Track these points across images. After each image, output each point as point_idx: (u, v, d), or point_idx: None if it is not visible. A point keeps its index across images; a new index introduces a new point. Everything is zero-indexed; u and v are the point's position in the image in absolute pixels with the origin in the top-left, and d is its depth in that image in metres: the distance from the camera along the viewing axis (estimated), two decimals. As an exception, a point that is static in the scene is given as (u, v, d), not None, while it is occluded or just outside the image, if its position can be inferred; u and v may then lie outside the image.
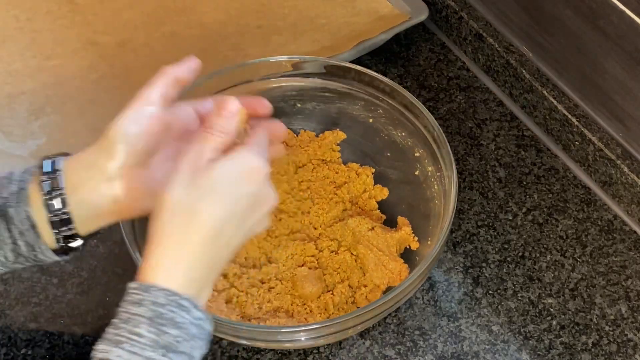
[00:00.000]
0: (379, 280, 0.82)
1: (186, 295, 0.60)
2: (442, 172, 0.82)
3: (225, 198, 0.62)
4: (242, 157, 0.63)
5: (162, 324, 0.58)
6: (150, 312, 0.58)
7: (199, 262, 0.61)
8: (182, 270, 0.60)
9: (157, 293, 0.59)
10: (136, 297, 0.59)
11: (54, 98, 0.98)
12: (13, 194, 0.67)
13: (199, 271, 0.61)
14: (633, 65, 0.83)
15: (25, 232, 0.67)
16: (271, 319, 0.80)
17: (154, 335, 0.58)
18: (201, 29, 1.04)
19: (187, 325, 0.59)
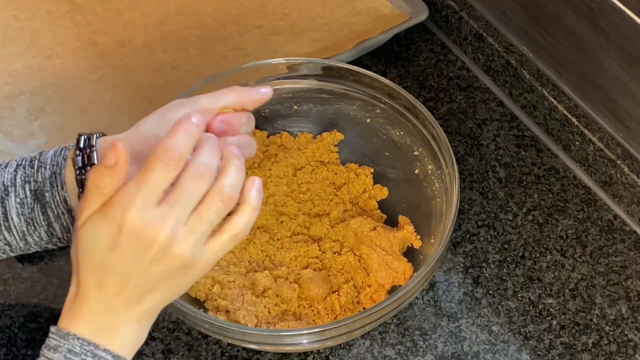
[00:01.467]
0: (383, 280, 0.82)
1: (103, 347, 0.60)
2: (443, 170, 0.82)
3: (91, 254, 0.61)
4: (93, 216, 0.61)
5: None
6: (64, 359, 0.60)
7: (99, 313, 0.61)
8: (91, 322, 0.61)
9: (73, 342, 0.60)
10: (53, 343, 0.61)
11: (54, 98, 0.98)
12: (46, 179, 0.68)
13: (106, 321, 0.61)
14: (633, 65, 0.83)
15: (61, 215, 0.68)
16: (280, 322, 0.80)
17: None
18: (201, 29, 1.04)
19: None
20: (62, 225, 0.69)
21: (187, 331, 0.84)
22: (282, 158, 0.89)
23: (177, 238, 0.60)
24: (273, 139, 0.92)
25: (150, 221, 0.59)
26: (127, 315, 0.62)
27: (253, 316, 0.80)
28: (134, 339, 0.63)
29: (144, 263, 0.60)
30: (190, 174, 0.60)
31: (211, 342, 0.83)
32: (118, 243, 0.59)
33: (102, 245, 0.60)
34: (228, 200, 0.61)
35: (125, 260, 0.60)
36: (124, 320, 0.62)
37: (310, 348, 0.81)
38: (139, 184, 0.59)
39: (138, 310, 0.62)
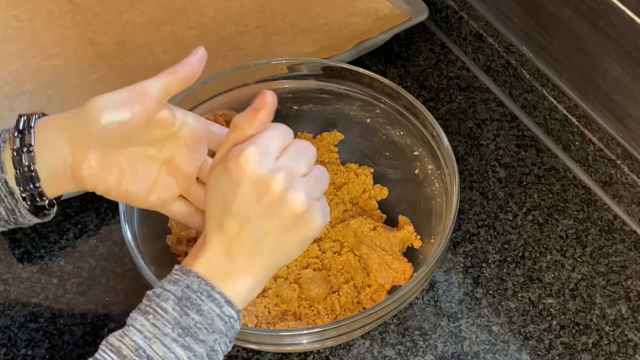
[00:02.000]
0: (383, 280, 0.82)
1: (219, 289, 0.62)
2: (443, 170, 0.82)
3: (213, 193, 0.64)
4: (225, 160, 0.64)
5: (187, 306, 0.61)
6: (181, 292, 0.61)
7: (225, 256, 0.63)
8: (215, 264, 0.63)
9: (192, 278, 0.62)
10: (174, 277, 0.62)
11: (54, 98, 0.98)
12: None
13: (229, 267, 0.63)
14: (633, 65, 0.83)
15: (4, 198, 0.68)
16: (280, 322, 0.80)
17: (177, 314, 0.60)
18: (201, 29, 1.04)
19: (213, 316, 0.61)
20: (7, 208, 0.68)
21: (187, 331, 0.84)
22: None
23: (293, 186, 0.62)
24: (273, 139, 0.91)
25: (267, 169, 0.62)
26: (245, 263, 0.63)
27: (253, 316, 0.80)
28: (248, 289, 0.64)
29: (263, 205, 0.62)
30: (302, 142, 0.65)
31: (211, 342, 0.83)
32: (238, 187, 0.62)
33: (224, 190, 0.62)
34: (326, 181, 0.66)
35: (245, 203, 0.62)
36: (242, 268, 0.63)
37: (310, 348, 0.81)
38: (258, 141, 0.63)
39: (257, 261, 0.64)
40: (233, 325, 0.63)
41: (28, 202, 0.68)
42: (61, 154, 0.67)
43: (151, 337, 0.60)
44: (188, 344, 0.60)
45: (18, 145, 0.67)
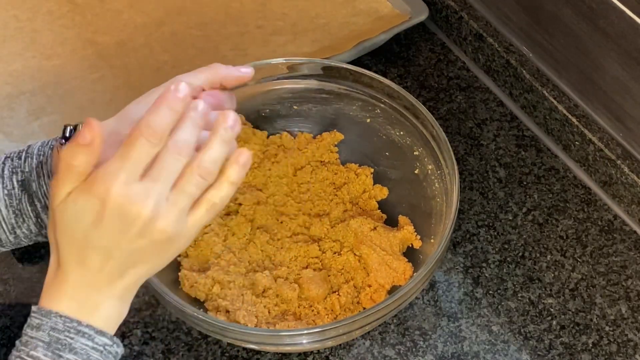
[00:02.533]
0: (383, 280, 0.82)
1: (86, 322, 0.61)
2: (443, 170, 0.82)
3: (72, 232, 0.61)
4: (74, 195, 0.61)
5: (58, 348, 0.60)
6: (48, 337, 0.60)
7: (82, 290, 0.61)
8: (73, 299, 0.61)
9: (56, 319, 0.60)
10: (36, 322, 0.61)
11: (54, 98, 0.98)
12: (33, 169, 0.68)
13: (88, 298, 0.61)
14: (633, 65, 0.83)
15: (48, 205, 0.68)
16: (280, 322, 0.80)
17: (50, 359, 0.59)
18: (201, 29, 1.04)
19: (87, 350, 0.60)
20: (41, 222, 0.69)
21: (187, 331, 0.84)
22: (282, 158, 0.89)
23: (161, 212, 0.60)
24: (273, 139, 0.92)
25: (134, 196, 0.59)
26: (109, 291, 0.62)
27: (253, 316, 0.80)
28: (116, 313, 0.63)
29: (128, 238, 0.60)
30: (169, 150, 0.61)
31: (211, 342, 0.83)
32: (102, 218, 0.59)
33: (85, 222, 0.60)
34: (206, 174, 0.62)
35: (109, 236, 0.60)
36: (107, 296, 0.62)
37: (310, 348, 0.81)
38: (122, 160, 0.60)
39: (120, 285, 0.62)
40: (110, 351, 0.62)
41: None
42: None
43: None
44: None
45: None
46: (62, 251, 0.61)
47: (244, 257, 0.84)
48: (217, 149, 0.62)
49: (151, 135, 0.60)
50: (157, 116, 0.60)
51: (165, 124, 0.60)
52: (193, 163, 0.61)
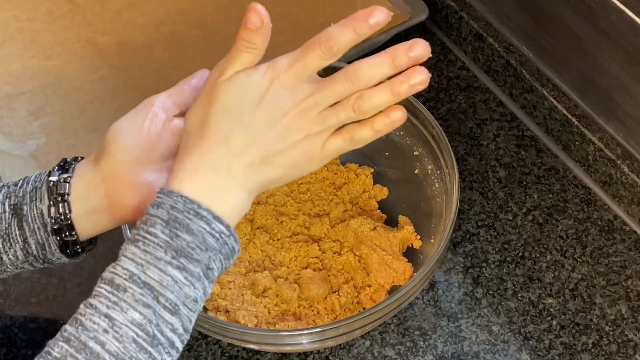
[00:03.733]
0: (383, 280, 0.82)
1: (206, 206, 0.60)
2: (443, 170, 0.82)
3: (230, 107, 0.63)
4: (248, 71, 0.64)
5: (176, 227, 0.59)
6: (167, 215, 0.59)
7: (215, 171, 0.62)
8: (202, 180, 0.61)
9: (176, 199, 0.60)
10: (157, 200, 0.61)
11: (54, 98, 0.98)
12: (27, 193, 0.68)
13: (219, 181, 0.62)
14: (633, 65, 0.83)
15: (37, 230, 0.68)
16: (280, 322, 0.80)
17: (167, 237, 0.59)
18: (201, 29, 1.04)
19: (204, 234, 0.60)
20: (37, 242, 0.68)
21: (187, 331, 0.84)
22: None
23: (309, 117, 0.63)
24: (273, 139, 0.91)
25: (297, 91, 0.63)
26: (240, 181, 0.62)
27: (253, 316, 0.80)
28: (240, 206, 0.63)
29: (278, 127, 0.62)
30: (345, 73, 0.63)
31: (211, 342, 0.83)
32: (262, 101, 0.62)
33: (248, 99, 0.62)
34: (360, 113, 0.64)
35: (261, 121, 0.62)
36: (235, 185, 0.62)
37: (310, 348, 0.81)
38: (296, 59, 0.63)
39: (252, 178, 0.63)
40: (226, 241, 0.61)
41: (57, 237, 0.68)
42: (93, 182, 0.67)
43: (144, 263, 0.58)
44: (183, 265, 0.58)
45: (55, 178, 0.68)
46: (210, 128, 0.62)
47: (244, 257, 0.84)
48: (381, 97, 0.63)
49: (327, 48, 0.62)
50: (339, 32, 0.62)
51: (344, 42, 0.62)
52: (356, 95, 0.63)
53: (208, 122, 0.63)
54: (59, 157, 0.89)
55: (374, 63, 0.63)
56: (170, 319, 0.58)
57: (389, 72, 0.63)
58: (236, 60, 0.65)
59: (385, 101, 0.63)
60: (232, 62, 0.64)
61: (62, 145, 0.94)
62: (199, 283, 0.59)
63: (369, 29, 0.62)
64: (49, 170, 0.69)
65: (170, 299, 0.58)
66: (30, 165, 0.92)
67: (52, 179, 0.68)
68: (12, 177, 0.91)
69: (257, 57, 0.65)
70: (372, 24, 0.62)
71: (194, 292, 0.59)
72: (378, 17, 0.62)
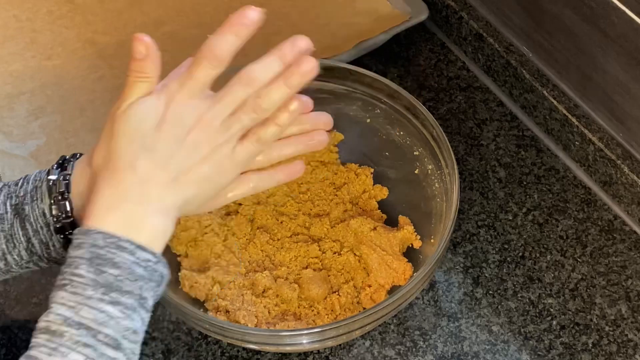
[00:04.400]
0: (383, 280, 0.82)
1: (126, 238, 0.60)
2: (443, 170, 0.82)
3: (131, 135, 0.63)
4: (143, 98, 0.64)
5: (100, 264, 0.59)
6: (89, 254, 0.59)
7: (128, 201, 0.61)
8: (117, 213, 0.61)
9: (95, 236, 0.60)
10: (77, 242, 0.60)
11: (54, 98, 0.98)
12: (27, 193, 0.68)
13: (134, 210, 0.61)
14: (633, 65, 0.83)
15: (39, 229, 0.68)
16: (280, 322, 0.80)
17: (93, 275, 0.59)
18: (201, 29, 1.04)
19: (130, 265, 0.60)
20: (41, 241, 0.68)
21: (187, 331, 0.84)
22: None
23: (214, 128, 0.63)
24: (273, 139, 0.91)
25: (196, 106, 0.63)
26: (155, 205, 0.62)
27: (253, 316, 0.80)
28: (163, 230, 0.63)
29: (182, 148, 0.62)
30: (239, 79, 0.64)
31: (211, 342, 0.83)
32: (163, 122, 0.62)
33: (148, 124, 0.63)
34: (261, 112, 0.65)
35: (165, 141, 0.62)
36: (152, 210, 0.62)
37: (310, 348, 0.81)
38: (186, 77, 0.63)
39: (167, 200, 0.63)
40: (154, 268, 0.61)
41: (61, 236, 0.68)
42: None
43: (75, 304, 0.58)
44: (115, 299, 0.58)
45: (55, 177, 0.68)
46: (115, 159, 0.62)
47: (244, 257, 0.84)
48: (278, 92, 0.65)
49: (214, 57, 0.63)
50: (221, 39, 0.64)
51: (226, 49, 0.63)
52: (254, 98, 0.64)
53: (112, 155, 0.63)
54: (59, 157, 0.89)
55: (264, 64, 0.65)
56: (114, 354, 0.58)
57: (279, 70, 0.65)
58: (132, 92, 0.64)
59: (281, 95, 0.65)
60: (128, 95, 0.64)
61: (62, 145, 0.94)
62: (136, 314, 0.59)
63: (246, 29, 0.64)
64: (48, 169, 0.69)
65: (109, 334, 0.58)
66: (30, 165, 0.92)
67: (51, 178, 0.68)
68: (12, 177, 0.91)
69: (152, 84, 0.65)
70: (248, 24, 0.64)
71: (132, 324, 0.59)
72: (252, 16, 0.64)
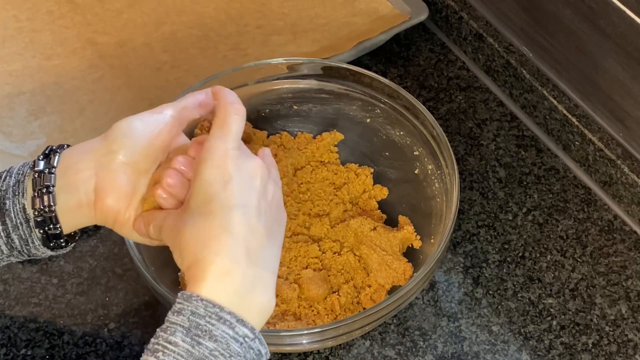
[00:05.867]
0: (383, 280, 0.82)
1: (228, 309, 0.58)
2: (443, 170, 0.82)
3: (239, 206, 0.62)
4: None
5: (198, 334, 0.57)
6: (188, 322, 0.57)
7: (240, 274, 0.60)
8: (226, 283, 0.59)
9: (197, 303, 0.58)
10: (178, 306, 0.59)
11: (54, 98, 0.98)
12: (9, 187, 0.67)
13: (243, 274, 0.60)
14: (633, 65, 0.83)
15: (19, 225, 0.67)
16: (280, 322, 0.80)
17: (189, 345, 0.57)
18: (201, 29, 1.04)
19: (228, 339, 0.58)
20: (20, 237, 0.67)
21: (187, 331, 0.83)
22: (282, 158, 0.89)
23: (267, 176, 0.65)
24: (273, 138, 0.92)
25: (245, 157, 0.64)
26: (262, 266, 0.61)
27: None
28: (266, 301, 0.62)
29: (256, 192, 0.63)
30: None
31: (211, 342, 0.83)
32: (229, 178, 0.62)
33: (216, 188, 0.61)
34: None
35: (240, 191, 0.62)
36: (262, 276, 0.61)
37: (310, 348, 0.81)
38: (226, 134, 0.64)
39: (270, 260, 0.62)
40: (251, 345, 0.59)
41: (41, 230, 0.67)
42: (84, 174, 0.66)
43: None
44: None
45: (41, 168, 0.66)
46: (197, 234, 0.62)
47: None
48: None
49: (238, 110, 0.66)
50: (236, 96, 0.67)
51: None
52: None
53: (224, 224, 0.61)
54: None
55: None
56: None
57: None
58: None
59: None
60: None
61: (62, 145, 0.94)
62: None
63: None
64: (33, 160, 0.68)
65: None
66: (30, 165, 0.92)
67: (37, 169, 0.66)
68: (12, 177, 0.91)
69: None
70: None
71: None
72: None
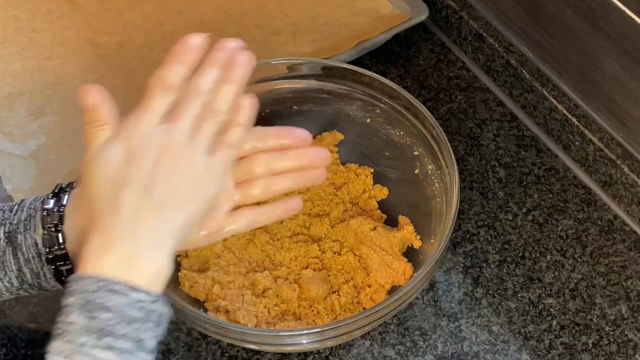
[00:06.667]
0: (383, 280, 0.82)
1: (118, 279, 0.59)
2: (443, 170, 0.82)
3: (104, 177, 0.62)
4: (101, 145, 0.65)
5: (91, 309, 0.58)
6: (80, 300, 0.59)
7: (122, 240, 0.60)
8: (111, 255, 0.60)
9: (86, 281, 0.59)
10: (68, 290, 0.60)
11: (54, 98, 0.98)
12: (21, 221, 0.68)
13: (127, 249, 0.60)
14: (633, 65, 0.83)
15: (31, 259, 0.68)
16: (280, 322, 0.80)
17: (85, 321, 0.58)
18: (201, 29, 1.04)
19: (122, 307, 0.58)
20: (32, 270, 0.68)
21: (187, 331, 0.84)
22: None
23: (184, 144, 0.63)
24: (273, 139, 0.91)
25: (156, 133, 0.63)
26: (150, 238, 0.61)
27: (253, 316, 0.80)
28: (159, 266, 0.61)
29: (157, 171, 0.62)
30: (187, 94, 0.65)
31: (211, 342, 0.83)
32: (130, 156, 0.62)
33: (115, 164, 0.62)
34: (219, 114, 0.66)
35: (139, 171, 0.62)
36: (148, 245, 0.61)
37: (310, 348, 0.81)
38: (140, 111, 0.64)
39: (161, 230, 0.62)
40: (151, 309, 0.60)
41: (52, 266, 0.67)
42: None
43: (70, 353, 0.57)
44: (109, 344, 0.57)
45: (50, 206, 0.67)
46: (95, 206, 0.62)
47: (244, 257, 0.84)
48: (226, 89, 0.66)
49: (164, 88, 0.65)
50: (168, 72, 0.65)
51: (177, 77, 0.65)
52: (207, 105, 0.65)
53: (93, 204, 0.62)
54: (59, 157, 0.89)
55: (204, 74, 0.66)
56: None
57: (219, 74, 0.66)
58: (93, 142, 0.65)
59: (230, 91, 0.66)
60: (89, 145, 0.65)
61: (62, 145, 0.94)
62: (133, 357, 0.58)
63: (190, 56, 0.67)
64: (43, 197, 0.69)
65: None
66: (30, 165, 0.92)
67: (46, 207, 0.67)
68: (12, 177, 0.91)
69: (110, 128, 0.65)
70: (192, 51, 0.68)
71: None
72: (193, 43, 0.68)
